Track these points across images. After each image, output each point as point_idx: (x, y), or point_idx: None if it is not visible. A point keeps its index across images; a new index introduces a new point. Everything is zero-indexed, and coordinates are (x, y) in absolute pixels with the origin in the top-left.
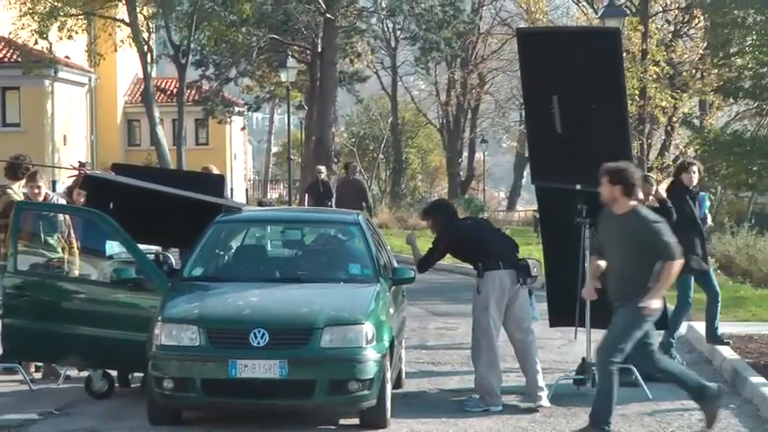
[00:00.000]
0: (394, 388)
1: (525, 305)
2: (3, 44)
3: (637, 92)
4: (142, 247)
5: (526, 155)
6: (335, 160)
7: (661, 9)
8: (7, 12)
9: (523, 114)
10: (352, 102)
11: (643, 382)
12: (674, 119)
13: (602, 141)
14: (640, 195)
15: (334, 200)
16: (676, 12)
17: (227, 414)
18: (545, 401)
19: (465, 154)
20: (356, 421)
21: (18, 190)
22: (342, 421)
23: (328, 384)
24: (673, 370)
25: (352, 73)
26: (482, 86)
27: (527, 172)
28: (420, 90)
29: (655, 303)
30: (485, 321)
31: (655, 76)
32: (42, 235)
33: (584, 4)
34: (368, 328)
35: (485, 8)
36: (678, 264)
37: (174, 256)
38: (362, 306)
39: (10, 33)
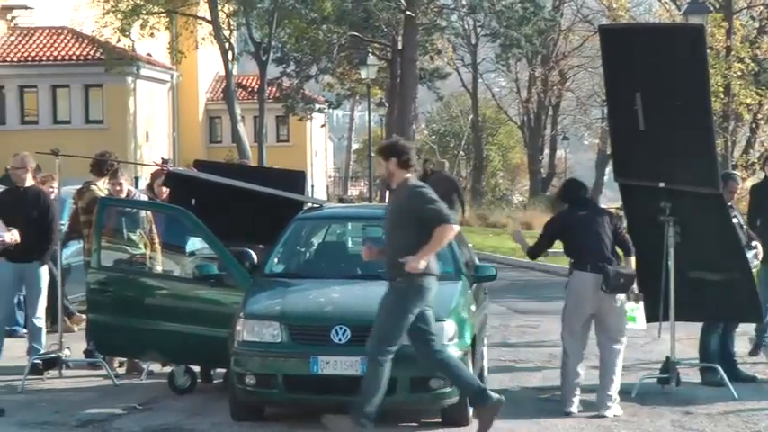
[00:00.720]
0: None
1: (614, 313)
2: (86, 42)
3: (721, 89)
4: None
5: (608, 152)
6: (416, 157)
7: (745, 5)
8: (91, 10)
9: (605, 111)
10: (432, 99)
11: (729, 382)
12: (759, 116)
13: (685, 138)
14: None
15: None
16: (761, 8)
17: (308, 410)
18: (611, 411)
19: (546, 151)
20: (438, 419)
21: (102, 186)
22: (424, 419)
23: (410, 382)
24: (452, 367)
25: (433, 70)
26: (563, 83)
27: (609, 169)
28: (500, 87)
29: (420, 264)
30: (565, 320)
31: (739, 73)
32: (125, 231)
33: (667, 0)
34: (449, 326)
35: (566, 5)
36: (451, 228)
37: (251, 254)
38: (444, 303)
39: (93, 31)
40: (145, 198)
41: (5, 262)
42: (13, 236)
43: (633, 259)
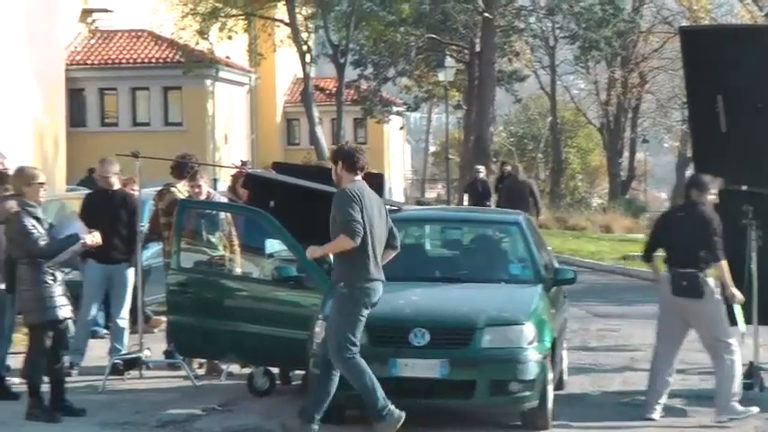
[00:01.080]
0: (555, 389)
1: (703, 318)
2: (165, 45)
3: None
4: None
5: (689, 155)
6: (494, 160)
7: None
8: (170, 13)
9: (686, 114)
10: (510, 101)
11: None
12: None
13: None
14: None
15: (493, 199)
16: None
17: None
18: (734, 413)
19: (626, 154)
20: (518, 422)
21: (182, 188)
22: (503, 422)
23: (489, 385)
24: (357, 372)
25: (511, 72)
26: (643, 85)
27: (690, 172)
28: (579, 89)
29: (314, 252)
30: (657, 324)
31: None
32: (204, 233)
33: (749, 1)
34: (529, 329)
35: (645, 6)
36: (346, 241)
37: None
38: (524, 306)
39: (172, 34)
40: (224, 200)
41: (94, 263)
42: (94, 238)
43: (723, 264)
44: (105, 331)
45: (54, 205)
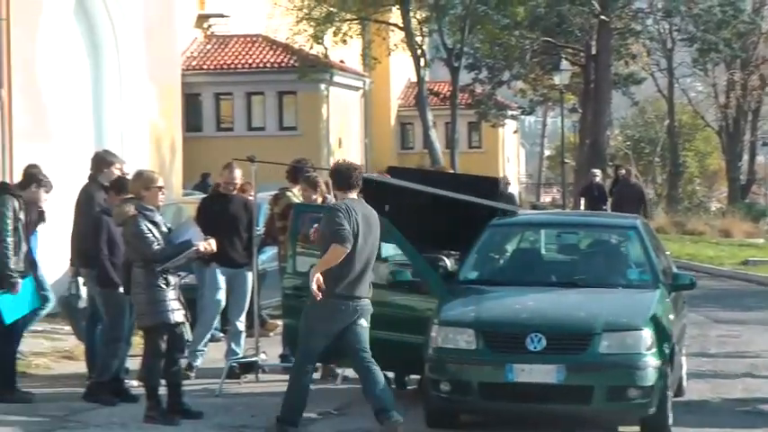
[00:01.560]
0: (675, 396)
1: None
2: (280, 50)
3: None
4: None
5: None
6: (610, 164)
7: None
8: (285, 18)
9: None
10: (627, 104)
11: None
12: None
13: None
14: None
15: (609, 203)
16: None
17: (503, 418)
18: None
19: (745, 157)
20: (636, 429)
21: (297, 192)
22: (621, 429)
23: (607, 391)
24: (372, 377)
25: (627, 75)
26: (763, 87)
27: None
28: (697, 92)
29: (312, 283)
30: None
31: None
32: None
33: None
34: (647, 335)
35: (767, 7)
36: (340, 249)
37: (444, 261)
38: (642, 312)
39: (287, 39)
40: None
41: (216, 267)
42: (209, 245)
43: None
44: (222, 334)
45: (171, 209)
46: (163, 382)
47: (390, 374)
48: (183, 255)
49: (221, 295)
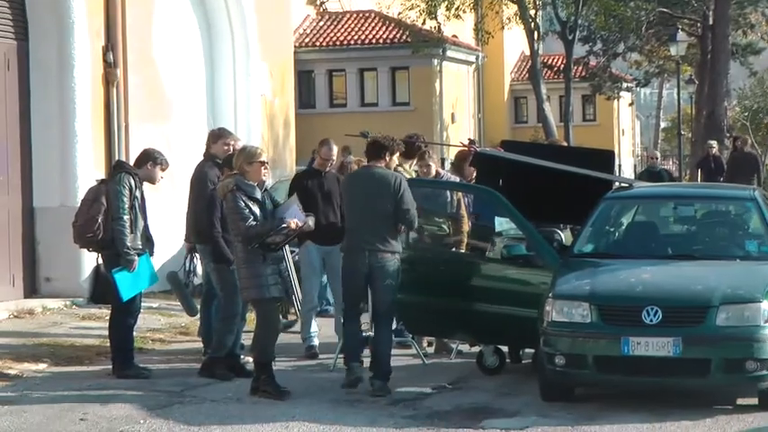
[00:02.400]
0: None
1: None
2: (392, 25)
3: None
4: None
5: None
6: (727, 135)
7: None
8: None
9: None
10: (744, 75)
11: None
12: None
13: None
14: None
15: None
16: None
17: (619, 392)
18: None
19: None
20: (754, 401)
21: (409, 168)
22: (739, 401)
23: (724, 364)
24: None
25: (746, 45)
26: None
27: None
28: None
29: None
30: None
31: None
32: (432, 212)
33: None
34: (766, 306)
35: None
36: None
37: (559, 234)
38: (760, 284)
39: (399, 14)
40: (455, 179)
41: (311, 245)
42: (306, 223)
43: None
44: (332, 309)
45: (284, 186)
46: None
47: (505, 348)
48: (277, 232)
49: (317, 273)
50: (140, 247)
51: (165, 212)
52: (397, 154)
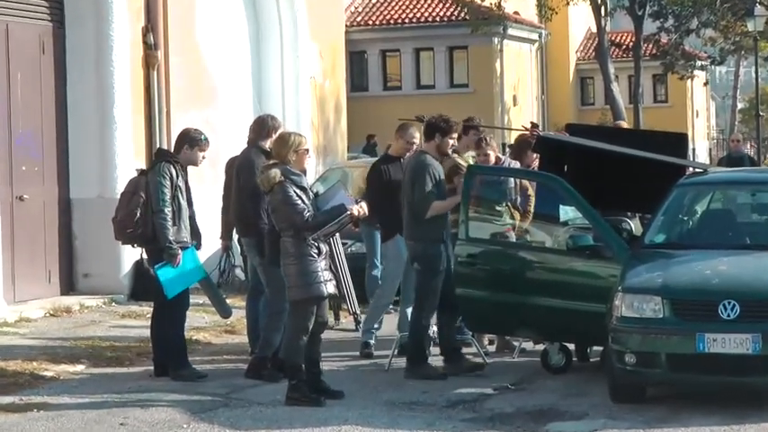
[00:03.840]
0: None
1: None
2: (450, 2)
3: None
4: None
5: None
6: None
7: None
8: None
9: None
10: None
11: None
12: None
13: None
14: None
15: None
16: None
17: (693, 392)
18: None
19: None
20: None
21: (465, 154)
22: None
23: None
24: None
25: None
26: None
27: None
28: None
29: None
30: None
31: None
32: (494, 201)
33: None
34: None
35: None
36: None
37: (628, 224)
38: None
39: None
40: (516, 166)
41: (400, 237)
42: (361, 209)
43: None
44: (392, 306)
45: (336, 174)
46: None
47: (571, 346)
48: (335, 221)
49: (401, 267)
50: (185, 240)
51: (209, 204)
52: (455, 136)
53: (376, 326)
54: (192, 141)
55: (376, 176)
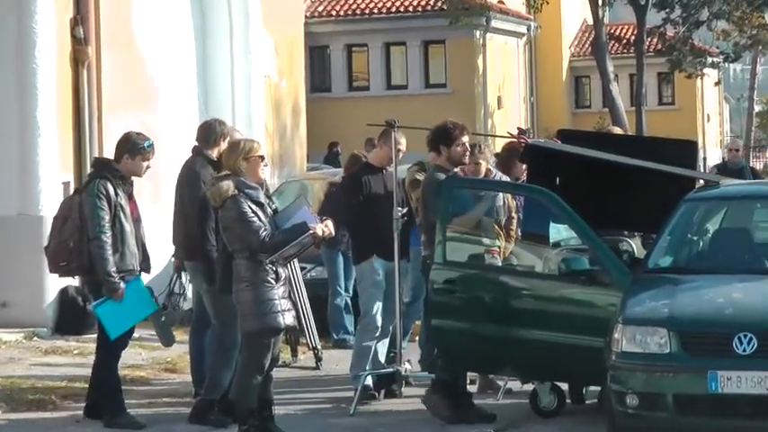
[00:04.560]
0: None
1: None
2: None
3: None
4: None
5: None
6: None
7: None
8: None
9: None
10: None
11: None
12: None
13: None
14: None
15: None
16: None
17: None
18: None
19: None
20: None
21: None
22: None
23: None
24: None
25: None
26: None
27: None
28: None
29: None
30: None
31: None
32: (476, 219)
33: None
34: None
35: None
36: None
37: (629, 244)
38: None
39: None
40: (506, 180)
41: (377, 260)
42: (326, 227)
43: None
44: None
45: (293, 187)
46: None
47: (564, 386)
48: (296, 242)
49: (380, 292)
50: (131, 268)
51: (148, 222)
52: (465, 139)
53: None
54: (133, 149)
55: (355, 189)
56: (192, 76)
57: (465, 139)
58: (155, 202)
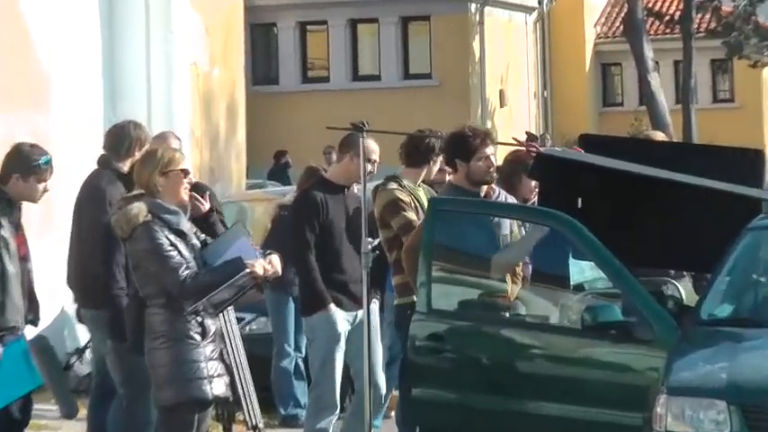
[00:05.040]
0: None
1: None
2: None
3: None
4: None
5: None
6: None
7: None
8: None
9: None
10: None
11: None
12: None
13: None
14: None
15: None
16: None
17: None
18: None
19: None
20: None
21: (416, 184)
22: None
23: None
24: None
25: None
26: None
27: None
28: None
29: None
30: None
31: None
32: (470, 252)
33: None
34: None
35: None
36: None
37: (675, 287)
38: None
39: None
40: (511, 200)
41: (337, 311)
42: (270, 264)
43: None
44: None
45: (228, 211)
46: None
47: None
48: (229, 283)
49: (340, 352)
50: (12, 325)
51: (37, 258)
52: (488, 151)
53: None
54: (26, 167)
55: (309, 213)
56: (97, 64)
57: (489, 150)
58: (45, 232)
